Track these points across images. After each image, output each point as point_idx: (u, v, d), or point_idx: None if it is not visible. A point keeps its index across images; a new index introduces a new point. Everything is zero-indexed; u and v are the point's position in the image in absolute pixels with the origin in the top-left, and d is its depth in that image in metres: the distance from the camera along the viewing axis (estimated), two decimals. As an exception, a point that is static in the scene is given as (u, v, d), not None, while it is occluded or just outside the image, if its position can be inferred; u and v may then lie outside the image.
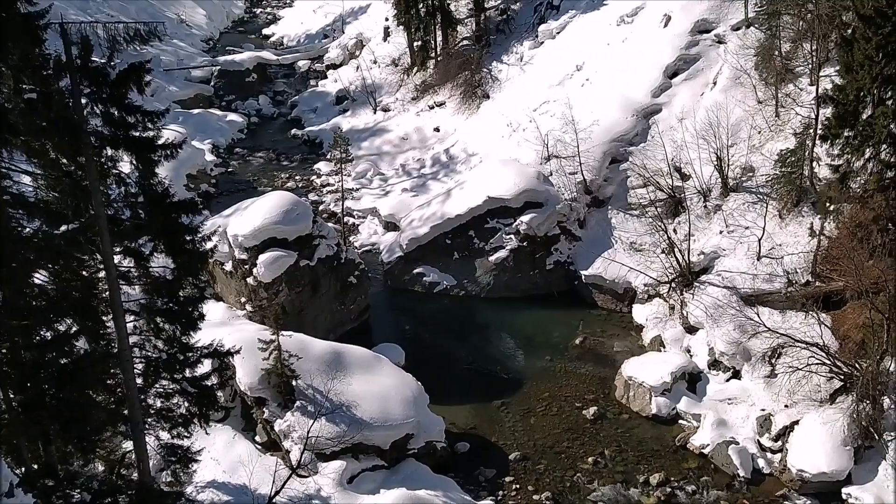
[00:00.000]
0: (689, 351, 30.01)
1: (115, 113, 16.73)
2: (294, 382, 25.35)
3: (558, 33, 46.29)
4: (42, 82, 16.38)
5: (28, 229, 17.10)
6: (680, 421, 27.85)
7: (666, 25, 40.75)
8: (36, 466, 17.06)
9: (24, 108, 16.37)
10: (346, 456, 24.40)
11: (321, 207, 41.76)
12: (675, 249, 31.36)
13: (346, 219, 39.36)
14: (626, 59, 40.43)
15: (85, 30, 16.66)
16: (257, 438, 26.00)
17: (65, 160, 17.22)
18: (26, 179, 18.15)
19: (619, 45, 41.87)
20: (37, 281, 17.03)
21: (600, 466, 26.16)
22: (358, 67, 55.22)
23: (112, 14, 56.75)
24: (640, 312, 32.80)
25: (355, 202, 41.57)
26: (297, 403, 25.09)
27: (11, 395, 16.50)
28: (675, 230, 33.10)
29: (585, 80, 41.15)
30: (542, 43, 46.76)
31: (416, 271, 36.02)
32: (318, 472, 24.01)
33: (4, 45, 16.28)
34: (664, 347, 30.70)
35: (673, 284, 31.51)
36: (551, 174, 36.87)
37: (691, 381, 28.78)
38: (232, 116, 52.49)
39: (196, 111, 51.22)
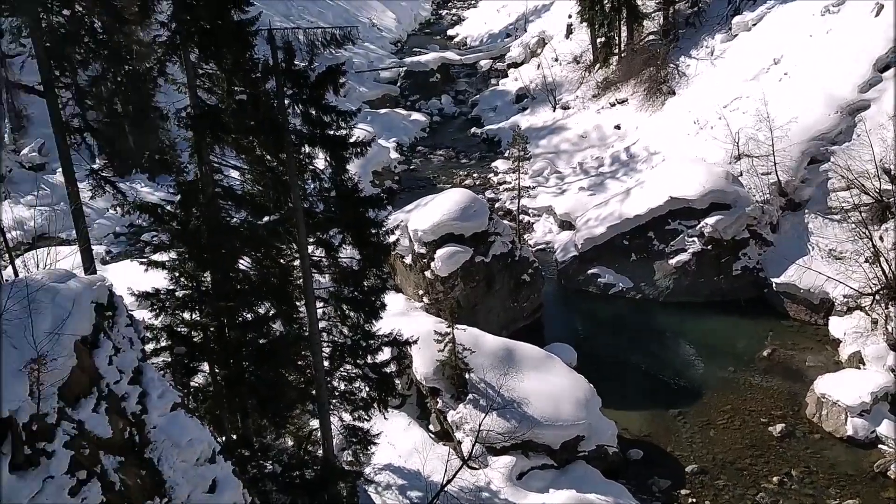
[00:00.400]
0: (893, 370, 27.25)
1: (314, 113, 17.84)
2: (467, 375, 25.84)
3: (754, 25, 43.62)
4: (251, 85, 17.83)
5: (235, 219, 18.73)
6: (879, 446, 25.36)
7: (878, 14, 37.14)
8: (235, 437, 18.65)
9: (236, 108, 17.91)
10: (516, 452, 24.52)
11: (497, 205, 42.20)
12: (882, 259, 28.55)
13: (521, 217, 39.49)
14: (831, 51, 37.31)
15: (288, 35, 17.92)
16: (431, 427, 26.79)
17: (268, 157, 18.64)
18: (235, 174, 19.86)
19: (823, 36, 38.71)
20: (241, 267, 18.61)
21: (786, 487, 24.42)
22: (539, 65, 55.16)
23: (311, 20, 60.51)
24: (837, 325, 30.20)
25: (531, 200, 41.60)
26: (470, 396, 25.56)
27: (217, 371, 18.15)
28: (881, 238, 30.12)
29: (783, 75, 38.47)
30: (736, 35, 44.29)
31: (590, 272, 35.45)
32: (488, 465, 24.33)
33: (220, 50, 17.92)
34: (864, 365, 28.06)
35: (877, 297, 28.70)
36: (741, 174, 34.85)
37: (894, 403, 26.13)
38: (415, 115, 54.27)
39: (383, 111, 53.48)
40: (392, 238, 20.48)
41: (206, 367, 18.41)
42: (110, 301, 12.84)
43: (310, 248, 19.07)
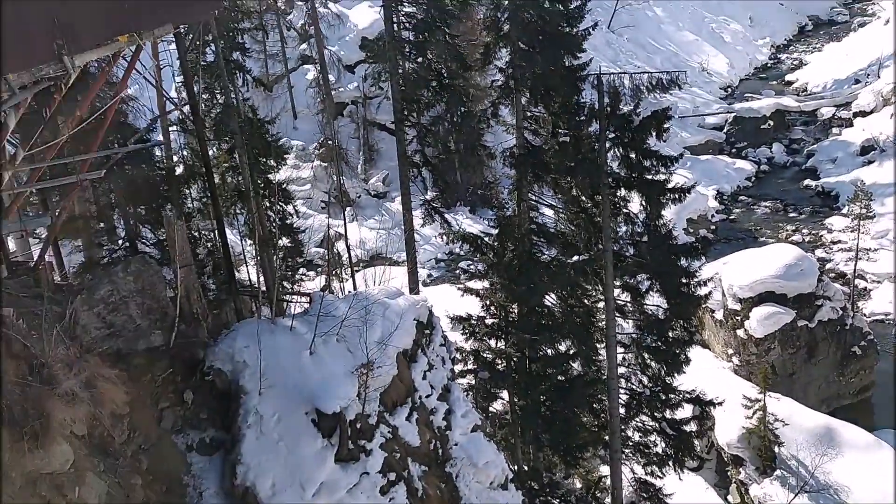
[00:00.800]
0: None
1: (633, 157, 17.80)
2: (777, 449, 23.59)
3: None
4: (575, 127, 18.39)
5: (546, 256, 19.33)
6: None
7: None
8: (526, 468, 19.06)
9: (558, 149, 18.59)
10: (827, 545, 21.77)
11: (828, 266, 38.12)
12: None
13: (857, 281, 35.22)
14: None
15: (614, 80, 18.18)
16: (730, 498, 24.83)
17: (584, 197, 18.99)
18: (549, 212, 20.53)
19: None
20: (547, 302, 19.11)
21: None
22: (893, 115, 49.04)
23: (639, 65, 60.50)
24: None
25: (871, 264, 36.87)
26: (778, 472, 23.27)
27: (515, 400, 18.77)
28: None
29: None
30: None
31: (942, 353, 30.38)
32: (792, 553, 21.90)
33: (549, 94, 18.77)
34: None
35: None
36: None
37: None
38: (740, 163, 51.47)
39: (704, 157, 51.52)
40: (704, 290, 19.50)
41: (505, 394, 19.13)
42: (429, 320, 14.00)
43: (616, 292, 18.94)
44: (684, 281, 18.75)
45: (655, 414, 19.74)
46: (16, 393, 8.67)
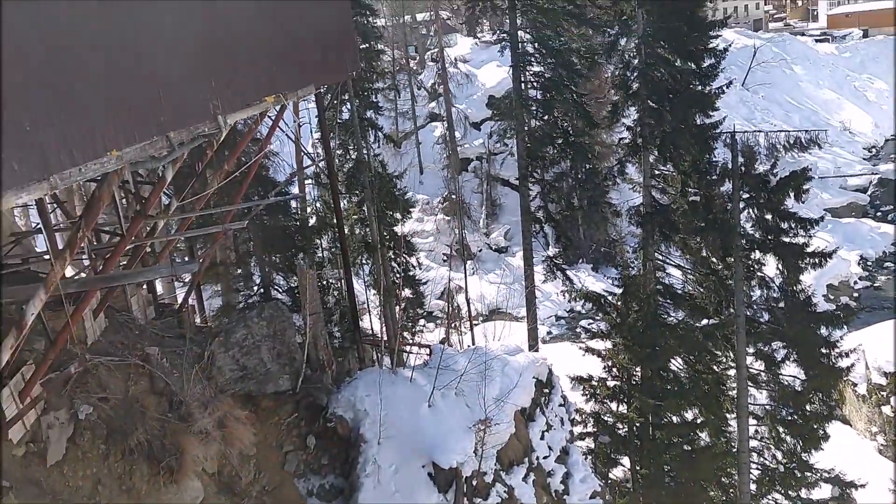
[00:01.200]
0: None
1: (769, 218, 17.06)
2: (928, 542, 21.35)
3: None
4: (706, 186, 17.87)
5: (672, 318, 18.68)
6: None
7: None
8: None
9: (687, 209, 18.09)
10: None
11: None
12: None
13: None
14: None
15: (749, 139, 17.62)
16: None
17: (714, 259, 18.31)
18: (676, 273, 19.91)
19: None
20: (672, 367, 18.38)
21: None
22: None
23: (776, 123, 58.39)
24: None
25: None
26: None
27: (637, 468, 18.02)
28: None
29: None
30: None
31: None
32: None
33: (678, 152, 18.40)
34: None
35: None
36: None
37: None
38: (886, 228, 48.40)
39: (847, 220, 48.86)
40: (846, 362, 18.19)
41: (626, 461, 18.43)
42: (549, 379, 13.78)
43: (748, 360, 18.00)
44: (824, 351, 17.62)
45: (790, 492, 18.42)
46: (156, 428, 9.18)
